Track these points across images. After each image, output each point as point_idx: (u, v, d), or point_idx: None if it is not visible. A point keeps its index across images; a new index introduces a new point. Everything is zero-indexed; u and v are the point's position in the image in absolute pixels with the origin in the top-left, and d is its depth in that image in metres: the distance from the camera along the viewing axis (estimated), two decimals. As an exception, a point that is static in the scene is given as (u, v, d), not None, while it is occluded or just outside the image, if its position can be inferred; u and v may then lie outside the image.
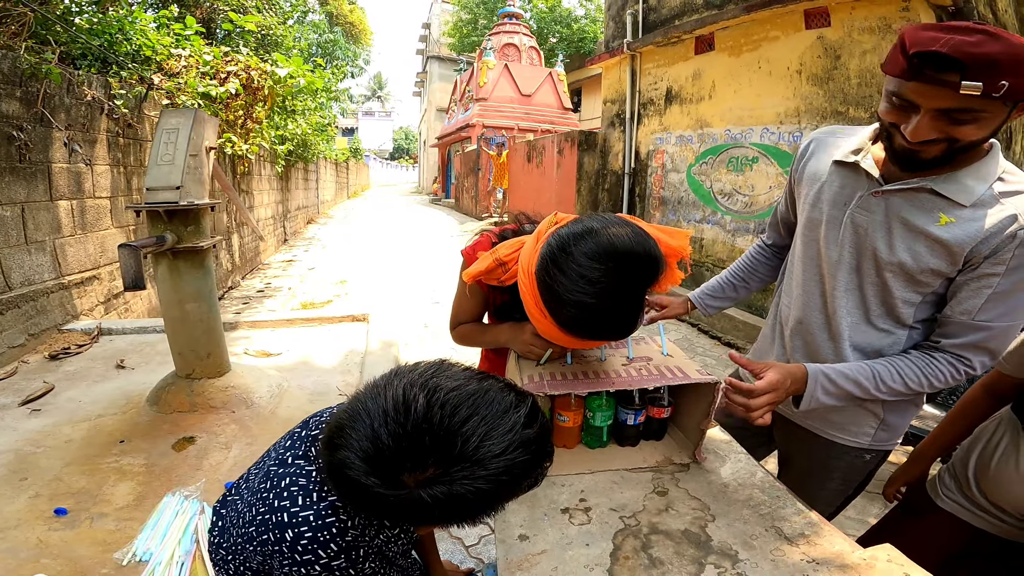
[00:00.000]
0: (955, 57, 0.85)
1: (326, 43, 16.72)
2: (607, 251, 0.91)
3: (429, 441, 0.67)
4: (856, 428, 1.31)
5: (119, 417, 2.50)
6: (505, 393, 0.74)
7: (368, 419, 0.68)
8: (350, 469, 0.67)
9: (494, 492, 0.70)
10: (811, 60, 4.82)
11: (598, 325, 0.96)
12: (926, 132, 0.94)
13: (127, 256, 1.84)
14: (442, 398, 0.69)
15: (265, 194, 8.80)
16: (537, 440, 0.74)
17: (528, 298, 1.02)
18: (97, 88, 3.74)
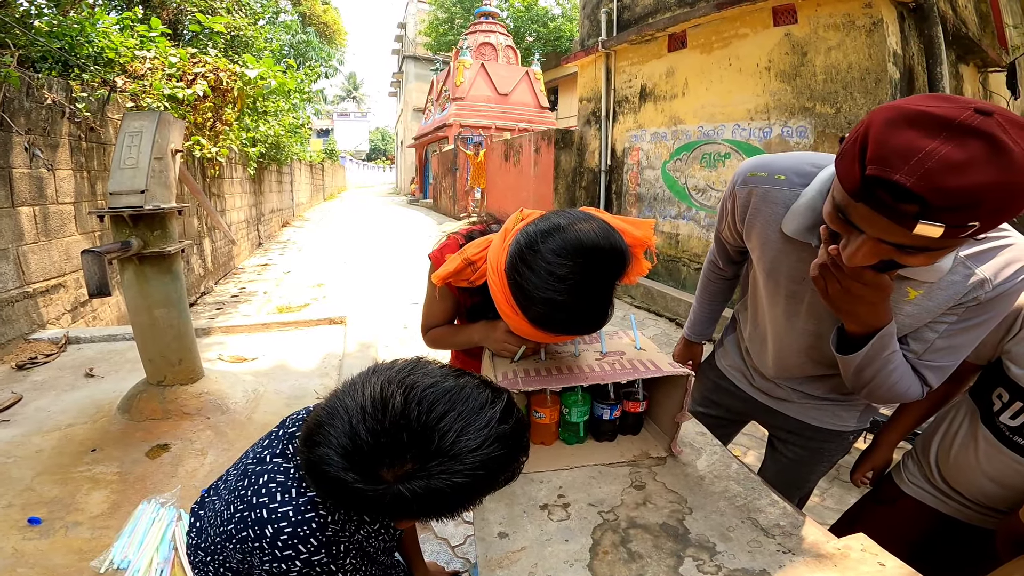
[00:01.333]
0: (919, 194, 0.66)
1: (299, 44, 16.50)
2: (574, 247, 0.91)
3: (407, 437, 0.68)
4: (844, 413, 1.35)
5: (90, 426, 2.44)
6: (481, 389, 0.76)
7: (346, 416, 0.69)
8: (329, 465, 0.68)
9: (471, 486, 0.71)
10: (779, 57, 4.89)
11: (569, 320, 0.96)
12: (864, 260, 0.80)
13: (91, 262, 1.79)
14: (419, 395, 0.70)
15: (237, 197, 8.66)
16: (512, 435, 0.75)
17: (499, 296, 1.02)
18: (58, 91, 3.63)
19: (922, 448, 1.36)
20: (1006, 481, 1.13)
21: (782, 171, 1.07)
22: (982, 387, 1.20)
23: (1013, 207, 0.67)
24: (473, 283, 1.16)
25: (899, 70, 4.19)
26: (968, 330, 0.99)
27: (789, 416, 1.41)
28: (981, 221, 0.67)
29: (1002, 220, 0.69)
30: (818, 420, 1.37)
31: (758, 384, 1.45)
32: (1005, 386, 1.12)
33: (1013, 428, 1.09)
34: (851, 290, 0.89)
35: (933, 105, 0.68)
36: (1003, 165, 0.64)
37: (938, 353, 1.02)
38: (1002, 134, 0.64)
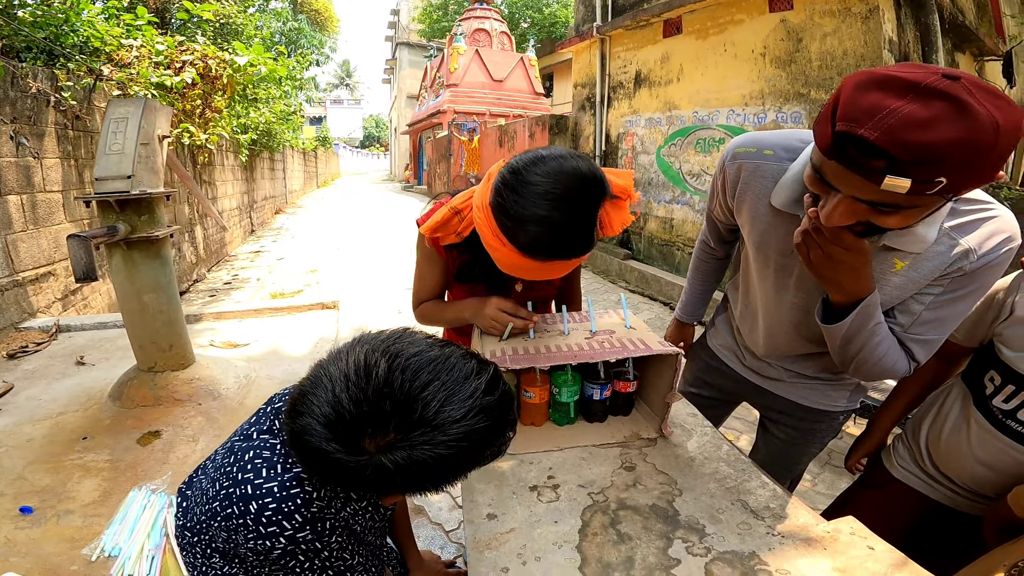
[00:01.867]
0: (883, 148, 0.68)
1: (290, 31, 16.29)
2: (556, 169, 0.96)
3: (390, 405, 0.67)
4: (835, 394, 1.36)
5: (81, 414, 2.43)
6: (467, 360, 0.74)
7: (330, 384, 0.68)
8: (311, 436, 0.67)
9: (455, 458, 0.70)
10: (774, 43, 4.87)
11: (554, 239, 0.98)
12: (841, 218, 0.83)
13: (77, 247, 1.77)
14: (403, 363, 0.69)
15: (229, 184, 8.59)
16: (498, 407, 0.74)
17: (485, 230, 1.04)
18: (43, 80, 3.59)
19: (912, 432, 1.35)
20: (998, 466, 1.12)
21: (770, 146, 1.10)
22: (974, 370, 1.19)
23: (978, 165, 0.69)
24: (461, 234, 1.17)
25: (894, 57, 4.18)
26: (955, 302, 0.99)
27: (779, 396, 1.41)
28: (947, 177, 0.69)
29: (970, 179, 0.72)
30: (808, 400, 1.38)
31: (749, 363, 1.46)
32: (997, 369, 1.11)
33: (1006, 411, 1.08)
34: (833, 255, 0.90)
35: (903, 71, 0.72)
36: (967, 123, 0.66)
37: (925, 326, 1.03)
38: (967, 96, 0.67)
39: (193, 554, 0.96)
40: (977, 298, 1.00)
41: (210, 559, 0.93)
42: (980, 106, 0.67)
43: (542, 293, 1.45)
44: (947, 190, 0.71)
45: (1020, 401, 1.06)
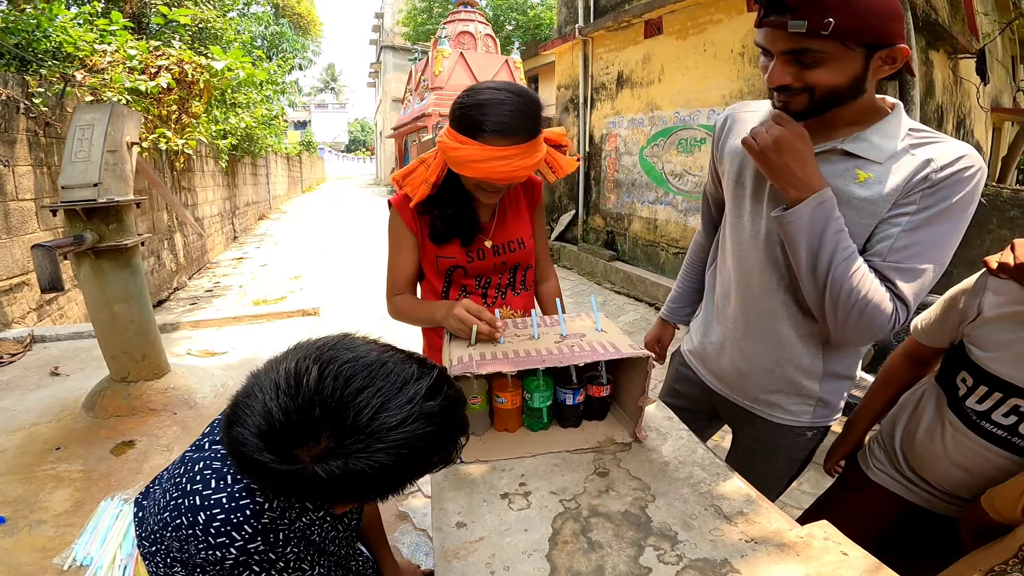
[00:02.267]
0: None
1: (272, 35, 16.19)
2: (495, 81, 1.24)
3: (320, 413, 0.64)
4: (795, 408, 1.30)
5: (54, 425, 2.38)
6: (406, 364, 0.72)
7: (261, 394, 0.66)
8: (245, 446, 0.66)
9: (396, 467, 0.68)
10: (753, 42, 4.87)
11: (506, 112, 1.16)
12: (778, 77, 0.99)
13: (41, 257, 1.73)
14: (335, 369, 0.67)
15: (209, 191, 8.49)
16: (441, 412, 0.72)
17: (447, 143, 1.21)
18: (13, 87, 3.53)
19: (887, 433, 1.35)
20: (973, 468, 1.11)
21: (754, 103, 1.29)
22: (946, 372, 1.18)
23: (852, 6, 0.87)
24: (429, 180, 1.30)
25: (870, 55, 4.20)
26: (930, 221, 0.98)
27: (743, 408, 1.38)
28: (835, 18, 0.87)
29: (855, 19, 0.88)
30: (769, 412, 1.34)
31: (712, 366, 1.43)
32: (968, 370, 1.10)
33: (980, 413, 1.07)
34: (778, 138, 1.01)
35: None
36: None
37: (903, 251, 1.00)
38: None
39: (155, 563, 0.93)
40: (953, 223, 0.99)
41: (171, 568, 0.91)
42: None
43: (515, 257, 1.49)
44: (841, 32, 0.88)
45: (994, 402, 1.05)
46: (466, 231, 1.40)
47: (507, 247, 1.47)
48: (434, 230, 1.39)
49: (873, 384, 1.47)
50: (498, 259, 1.46)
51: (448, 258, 1.42)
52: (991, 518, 1.00)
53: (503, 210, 1.48)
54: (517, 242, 1.49)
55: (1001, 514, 0.97)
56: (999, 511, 0.97)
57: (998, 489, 0.99)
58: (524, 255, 1.51)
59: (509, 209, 1.49)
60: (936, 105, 5.37)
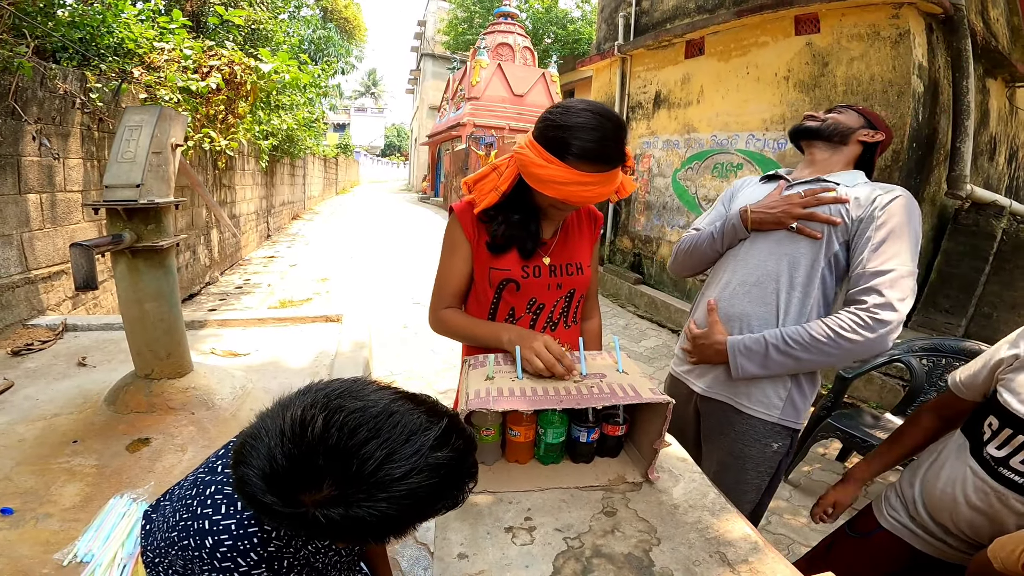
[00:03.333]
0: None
1: (319, 39, 16.57)
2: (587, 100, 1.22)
3: (323, 461, 0.65)
4: (766, 399, 1.47)
5: (75, 416, 2.43)
6: (415, 415, 0.71)
7: (266, 439, 0.67)
8: (250, 486, 0.67)
9: (398, 516, 0.68)
10: (799, 66, 4.81)
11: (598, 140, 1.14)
12: None
13: (78, 255, 1.78)
14: (342, 419, 0.67)
15: (248, 189, 8.70)
16: (448, 463, 0.71)
17: (531, 159, 1.19)
18: (72, 82, 3.66)
19: (907, 481, 1.34)
20: (992, 514, 1.11)
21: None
22: (975, 420, 1.19)
23: None
24: (499, 189, 1.29)
25: (923, 83, 4.08)
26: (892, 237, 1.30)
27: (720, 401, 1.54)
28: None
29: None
30: (745, 401, 1.49)
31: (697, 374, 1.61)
32: (996, 414, 1.11)
33: (998, 459, 1.09)
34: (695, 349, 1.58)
35: None
36: None
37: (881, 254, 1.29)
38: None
39: (157, 573, 0.95)
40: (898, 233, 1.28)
41: None
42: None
43: (571, 281, 1.44)
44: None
45: (1013, 448, 1.06)
46: (527, 242, 1.35)
47: (565, 269, 1.41)
48: (494, 237, 1.34)
49: (891, 435, 1.46)
50: (554, 280, 1.39)
51: (502, 270, 1.36)
52: (995, 569, 0.97)
53: (566, 231, 1.43)
54: (576, 266, 1.43)
55: (1004, 566, 0.94)
56: (1003, 562, 0.94)
57: (1004, 540, 0.97)
58: (581, 281, 1.45)
59: (573, 231, 1.45)
60: (989, 136, 5.19)
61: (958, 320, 4.30)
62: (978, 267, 4.27)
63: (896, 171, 4.07)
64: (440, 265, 1.43)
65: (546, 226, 1.39)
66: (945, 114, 4.30)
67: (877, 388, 3.82)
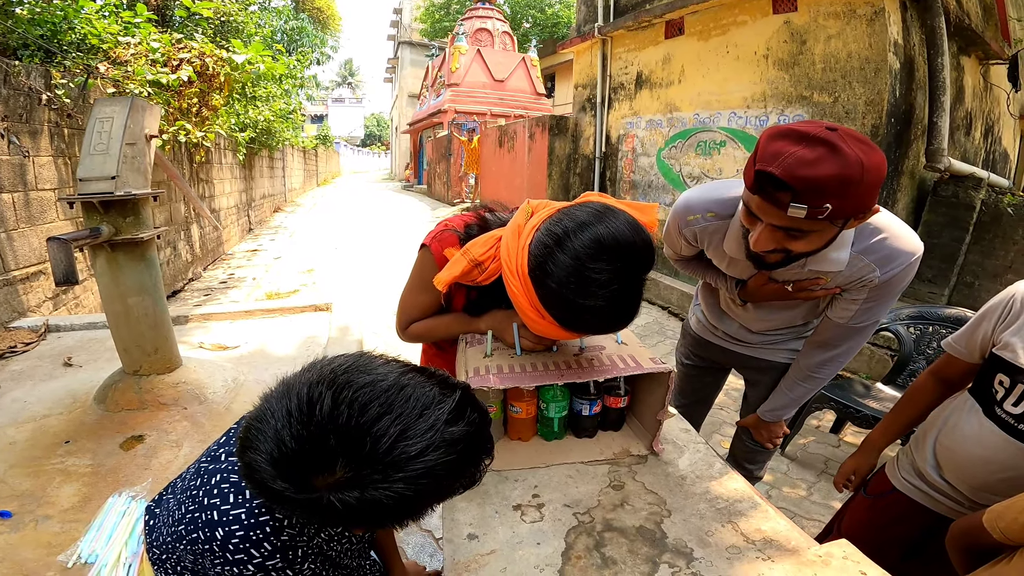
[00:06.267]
0: (785, 180, 0.94)
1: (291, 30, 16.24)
2: (612, 250, 0.91)
3: (335, 441, 0.61)
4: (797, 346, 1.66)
5: (65, 417, 2.38)
6: (427, 388, 0.67)
7: (273, 420, 0.63)
8: (259, 472, 0.63)
9: (415, 497, 0.64)
10: (777, 45, 4.82)
11: (608, 321, 0.98)
12: (764, 244, 1.10)
13: (56, 250, 1.72)
14: (351, 395, 0.63)
15: (227, 183, 8.54)
16: (465, 439, 0.67)
17: (522, 300, 0.99)
18: (36, 78, 3.55)
19: (916, 445, 1.35)
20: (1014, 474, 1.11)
21: (710, 208, 1.38)
22: (981, 382, 1.20)
23: (852, 194, 0.96)
24: (479, 283, 1.12)
25: (899, 60, 4.13)
26: (877, 301, 1.30)
27: (757, 358, 1.72)
28: (831, 204, 0.95)
29: (848, 205, 0.97)
30: (776, 356, 1.69)
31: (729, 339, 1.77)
32: (1004, 371, 1.12)
33: (1017, 416, 1.08)
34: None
35: (799, 125, 0.99)
36: (839, 162, 0.93)
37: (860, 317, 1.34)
38: (840, 142, 0.94)
39: (165, 571, 0.92)
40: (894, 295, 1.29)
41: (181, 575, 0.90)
42: (849, 149, 0.93)
43: None
44: (833, 215, 0.97)
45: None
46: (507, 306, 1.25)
47: None
48: (474, 305, 1.29)
49: (899, 402, 1.49)
50: None
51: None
52: (990, 537, 0.96)
53: None
54: None
55: (1005, 535, 0.93)
56: (1003, 531, 0.94)
57: (1002, 509, 0.96)
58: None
59: None
60: (965, 112, 5.26)
61: (941, 289, 4.38)
62: (959, 237, 4.34)
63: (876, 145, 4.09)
64: (408, 292, 1.31)
65: None
66: (921, 90, 4.35)
67: (867, 359, 3.88)
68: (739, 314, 1.65)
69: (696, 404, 2.03)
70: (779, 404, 1.62)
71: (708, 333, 1.84)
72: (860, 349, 1.48)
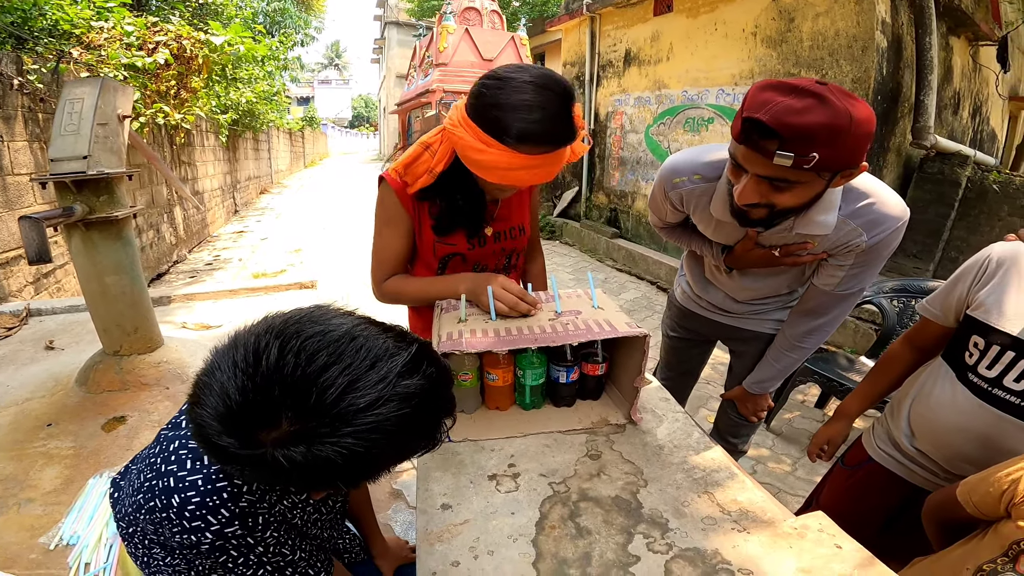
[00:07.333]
0: (772, 127, 0.93)
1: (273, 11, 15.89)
2: (531, 69, 1.05)
3: (279, 392, 0.58)
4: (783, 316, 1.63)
5: (47, 400, 2.36)
6: (380, 339, 0.64)
7: (220, 373, 0.60)
8: (206, 428, 0.60)
9: (367, 453, 0.61)
10: (766, 22, 4.78)
11: (543, 121, 1.02)
12: (749, 196, 1.08)
13: (28, 228, 1.69)
14: (298, 345, 0.60)
15: (210, 165, 8.42)
16: (420, 393, 0.64)
17: (468, 141, 1.06)
18: (7, 64, 3.48)
19: (891, 413, 1.35)
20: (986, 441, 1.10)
21: (697, 170, 1.35)
22: (954, 346, 1.19)
23: (839, 144, 0.94)
24: (433, 171, 1.17)
25: (887, 38, 4.11)
26: (864, 267, 1.29)
27: (743, 328, 1.70)
28: (819, 152, 0.93)
29: (835, 156, 0.95)
30: (764, 327, 1.66)
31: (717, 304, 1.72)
32: (979, 332, 1.11)
33: (991, 380, 1.07)
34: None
35: (789, 79, 0.98)
36: (828, 111, 0.92)
37: (847, 283, 1.33)
38: (829, 94, 0.93)
39: (134, 544, 0.90)
40: (881, 260, 1.28)
41: (150, 549, 0.88)
42: (838, 101, 0.93)
43: (513, 243, 1.42)
44: (820, 165, 0.95)
45: (1004, 365, 1.05)
46: (473, 223, 1.30)
47: (508, 234, 1.39)
48: (439, 221, 1.28)
49: (872, 369, 1.49)
50: (498, 246, 1.38)
51: (449, 245, 1.32)
52: (963, 511, 0.97)
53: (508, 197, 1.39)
54: (518, 228, 1.42)
55: (979, 508, 0.94)
56: (976, 505, 0.94)
57: (975, 482, 0.96)
58: (523, 241, 1.45)
59: (512, 196, 1.40)
60: (953, 92, 5.25)
61: (926, 264, 4.41)
62: (944, 213, 4.36)
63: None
64: (377, 237, 1.33)
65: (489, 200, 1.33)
66: (909, 69, 4.34)
67: (851, 333, 3.91)
68: (724, 282, 1.62)
69: (682, 376, 2.02)
70: (765, 376, 1.61)
71: (693, 304, 1.82)
72: (845, 319, 1.50)
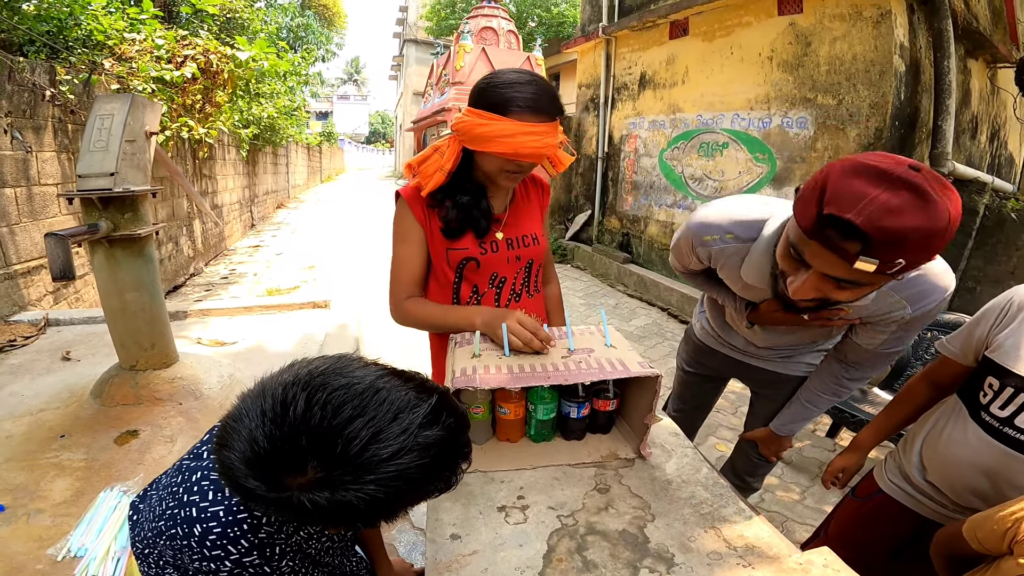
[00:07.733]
0: (864, 231, 0.80)
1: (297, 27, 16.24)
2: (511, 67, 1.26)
3: (306, 442, 0.62)
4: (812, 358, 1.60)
5: (61, 411, 2.39)
6: (402, 392, 0.68)
7: (247, 420, 0.64)
8: (232, 471, 0.64)
9: (387, 499, 0.65)
10: (782, 46, 4.80)
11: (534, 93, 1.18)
12: (807, 293, 0.98)
13: (54, 246, 1.73)
14: (324, 397, 0.64)
15: (230, 179, 8.57)
16: (440, 443, 0.68)
17: (471, 123, 1.20)
18: (40, 75, 3.57)
19: (904, 448, 1.36)
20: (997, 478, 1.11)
21: (729, 229, 1.27)
22: (971, 385, 1.20)
23: (931, 248, 0.83)
24: (444, 168, 1.27)
25: (905, 63, 4.10)
26: (907, 331, 1.24)
27: (766, 369, 1.65)
28: (905, 259, 0.82)
29: (921, 261, 0.86)
30: (788, 369, 1.62)
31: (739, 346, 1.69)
32: (994, 374, 1.11)
33: (1003, 419, 1.08)
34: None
35: (876, 159, 0.85)
36: (927, 213, 0.79)
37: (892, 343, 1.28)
38: (928, 186, 0.79)
39: (148, 564, 0.92)
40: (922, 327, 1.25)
41: (164, 570, 0.90)
42: (938, 197, 0.80)
43: (528, 252, 1.45)
44: (903, 270, 0.84)
45: (1017, 406, 1.06)
46: (480, 221, 1.35)
47: (521, 241, 1.43)
48: (447, 222, 1.34)
49: (890, 403, 1.49)
50: (512, 253, 1.41)
51: (461, 249, 1.36)
52: (969, 547, 0.97)
53: (515, 205, 1.45)
54: (531, 237, 1.45)
55: (983, 544, 0.94)
56: (981, 541, 0.94)
57: (980, 519, 0.96)
58: (538, 251, 1.48)
59: (521, 204, 1.46)
60: (971, 116, 5.22)
61: (942, 294, 4.35)
62: (961, 242, 4.31)
63: (879, 149, 4.09)
64: (395, 253, 1.41)
65: (496, 201, 1.40)
66: (927, 93, 4.32)
67: (864, 363, 3.86)
68: (744, 332, 1.59)
69: (694, 410, 2.00)
70: (797, 418, 1.58)
71: (713, 341, 1.78)
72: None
